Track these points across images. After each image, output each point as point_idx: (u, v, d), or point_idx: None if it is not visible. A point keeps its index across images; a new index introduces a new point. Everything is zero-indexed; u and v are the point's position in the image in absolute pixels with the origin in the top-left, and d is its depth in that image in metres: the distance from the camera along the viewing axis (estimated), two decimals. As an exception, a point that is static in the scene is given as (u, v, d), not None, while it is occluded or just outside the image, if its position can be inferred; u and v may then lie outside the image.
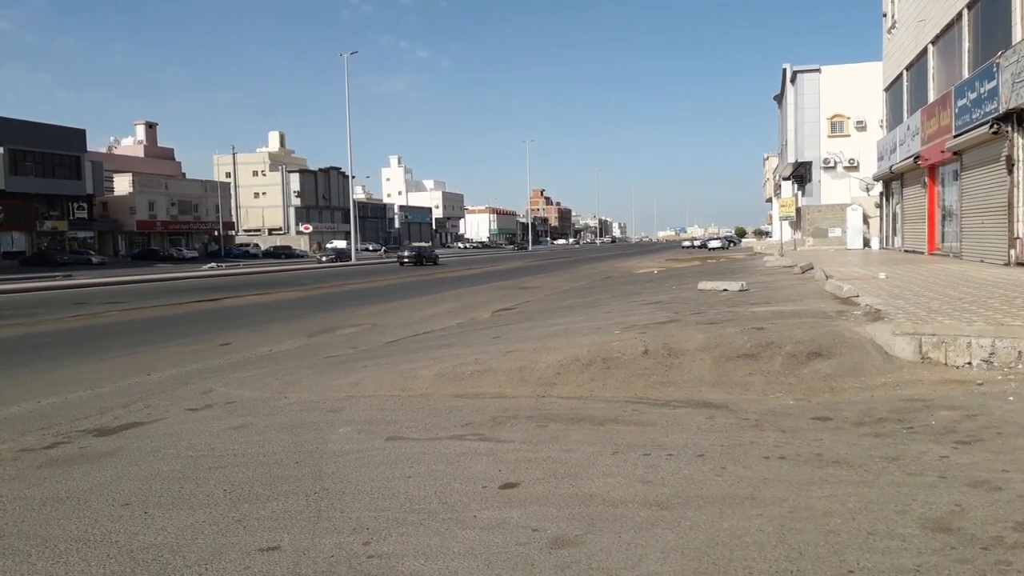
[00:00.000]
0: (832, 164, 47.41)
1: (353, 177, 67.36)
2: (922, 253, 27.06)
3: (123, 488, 4.71)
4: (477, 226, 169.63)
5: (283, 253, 77.31)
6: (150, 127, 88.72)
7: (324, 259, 62.76)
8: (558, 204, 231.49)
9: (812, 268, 20.52)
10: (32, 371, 10.12)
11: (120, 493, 4.61)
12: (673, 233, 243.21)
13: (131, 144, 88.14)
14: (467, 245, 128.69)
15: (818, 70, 48.34)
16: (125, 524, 4.06)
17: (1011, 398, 5.98)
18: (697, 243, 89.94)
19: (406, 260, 52.10)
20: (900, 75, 30.40)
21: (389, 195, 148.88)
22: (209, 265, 51.88)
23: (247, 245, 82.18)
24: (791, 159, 51.97)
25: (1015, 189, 17.58)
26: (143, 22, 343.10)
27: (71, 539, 3.87)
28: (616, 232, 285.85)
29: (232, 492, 4.53)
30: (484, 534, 3.71)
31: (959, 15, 22.07)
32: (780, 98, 59.15)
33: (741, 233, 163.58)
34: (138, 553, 3.66)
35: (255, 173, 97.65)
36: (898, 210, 32.73)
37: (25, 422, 6.94)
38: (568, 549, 3.50)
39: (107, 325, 16.03)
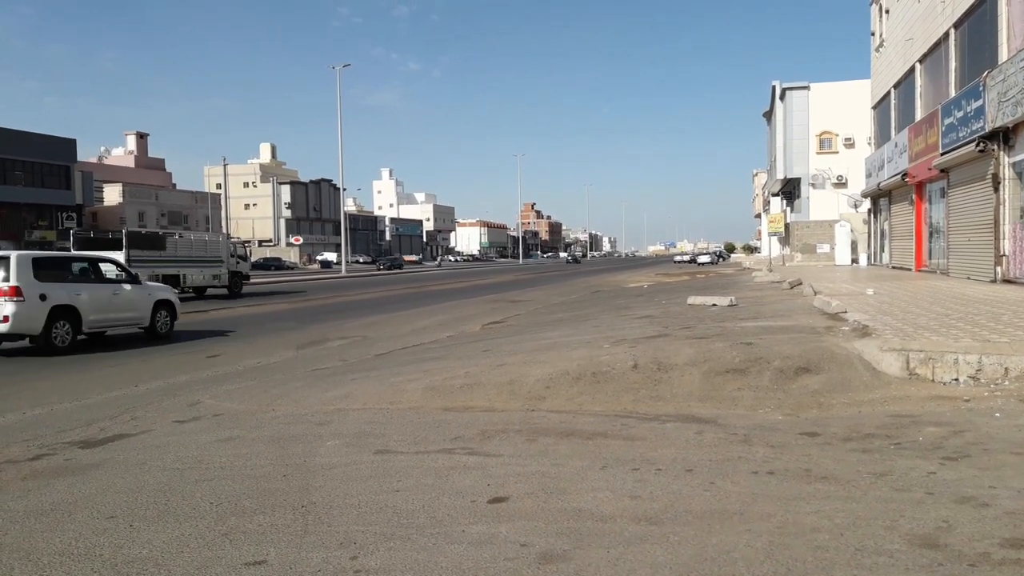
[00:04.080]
0: (821, 181, 47.80)
1: (344, 189, 67.33)
2: (909, 270, 27.25)
3: (108, 501, 4.66)
4: (468, 239, 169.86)
5: (273, 265, 77.12)
6: (141, 137, 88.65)
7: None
8: (548, 218, 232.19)
9: (800, 284, 20.63)
10: (17, 381, 10.04)
11: (105, 506, 4.56)
12: (663, 248, 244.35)
13: (122, 154, 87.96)
14: (457, 258, 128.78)
15: (807, 87, 48.83)
16: (110, 537, 4.02)
17: (998, 414, 6.01)
18: (686, 258, 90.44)
19: (569, 260, 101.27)
20: (888, 93, 30.73)
21: (380, 207, 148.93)
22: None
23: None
24: (780, 175, 52.37)
25: (1001, 207, 17.75)
26: (133, 30, 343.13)
27: (55, 552, 3.83)
28: (606, 246, 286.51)
29: (219, 505, 4.50)
30: (472, 549, 3.70)
31: (946, 35, 22.35)
32: (769, 115, 59.68)
33: (730, 248, 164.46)
34: (123, 567, 3.63)
35: (246, 184, 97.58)
36: (886, 227, 32.98)
37: (9, 433, 6.87)
38: (556, 564, 3.49)
39: (91, 335, 15.90)
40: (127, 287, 14.62)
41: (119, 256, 21.30)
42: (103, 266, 14.97)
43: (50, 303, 12.71)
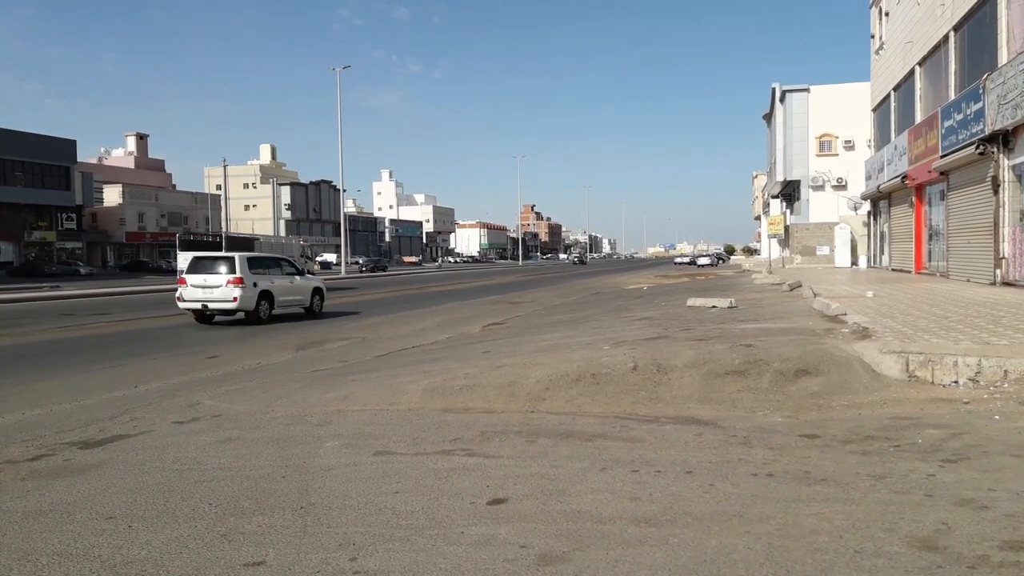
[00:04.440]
0: (820, 183, 47.82)
1: (344, 191, 67.30)
2: (909, 272, 27.27)
3: (107, 501, 4.66)
4: (468, 240, 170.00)
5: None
6: (141, 138, 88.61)
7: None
8: (548, 219, 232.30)
9: (800, 286, 20.63)
10: (17, 382, 10.03)
11: (104, 506, 4.56)
12: (662, 249, 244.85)
13: (122, 155, 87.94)
14: (456, 260, 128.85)
15: (807, 90, 48.82)
16: (109, 538, 4.02)
17: (997, 417, 6.01)
18: (686, 260, 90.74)
19: (575, 262, 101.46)
20: (888, 96, 30.74)
21: (380, 209, 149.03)
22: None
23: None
24: (780, 177, 52.36)
25: (1000, 209, 17.76)
26: (133, 32, 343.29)
27: (53, 553, 3.83)
28: (606, 248, 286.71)
29: (218, 506, 4.49)
30: (471, 550, 3.70)
31: (946, 37, 22.37)
32: (769, 117, 59.68)
33: (730, 250, 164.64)
34: (121, 568, 3.62)
35: (246, 185, 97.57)
36: (885, 229, 33.00)
37: (9, 434, 6.87)
38: (556, 566, 3.49)
39: (94, 337, 15.92)
40: (297, 278, 20.38)
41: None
42: (283, 263, 20.57)
43: (259, 288, 18.35)
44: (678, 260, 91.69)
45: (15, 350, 13.76)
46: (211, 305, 18.04)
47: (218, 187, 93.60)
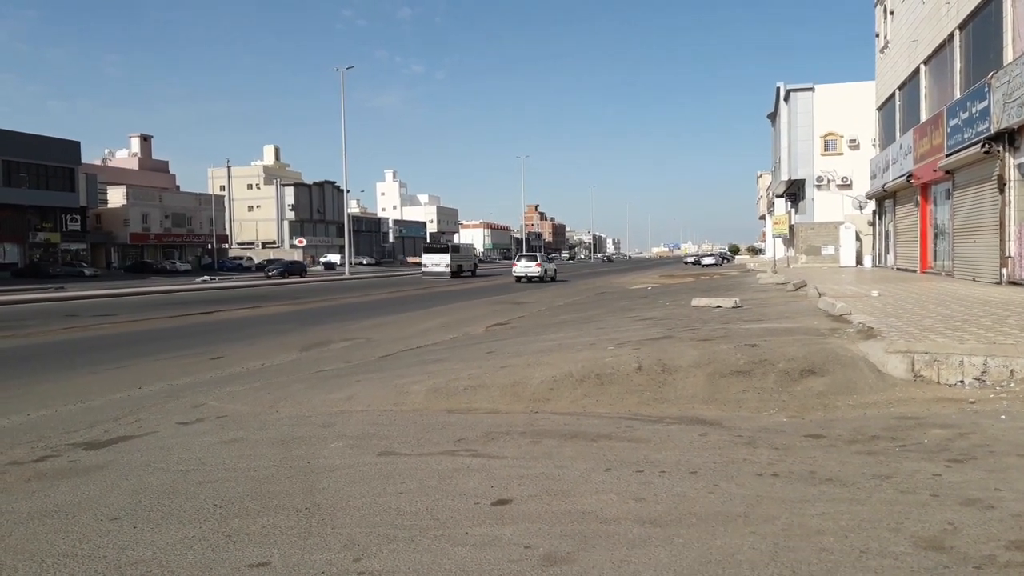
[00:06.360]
0: (825, 182, 47.72)
1: (348, 191, 67.39)
2: (914, 271, 27.19)
3: (112, 502, 4.67)
4: (471, 241, 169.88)
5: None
6: (145, 140, 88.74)
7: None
8: (552, 219, 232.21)
9: (805, 285, 20.59)
10: (22, 383, 10.06)
11: (109, 507, 4.57)
12: (667, 249, 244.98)
13: (126, 156, 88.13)
14: None
15: (812, 89, 48.73)
16: (114, 539, 4.03)
17: (1003, 416, 5.99)
18: (691, 259, 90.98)
19: (604, 260, 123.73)
20: (893, 95, 30.67)
21: (384, 209, 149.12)
22: (202, 278, 51.61)
23: (240, 258, 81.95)
24: (784, 177, 52.29)
25: (1006, 208, 17.71)
26: (136, 33, 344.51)
27: (59, 554, 3.84)
28: (610, 248, 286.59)
29: (222, 507, 4.50)
30: (476, 551, 3.69)
31: (951, 36, 22.31)
32: (774, 116, 59.60)
33: (735, 250, 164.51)
34: (126, 568, 3.63)
35: (249, 186, 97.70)
36: (891, 228, 32.91)
37: (14, 435, 6.88)
38: (560, 566, 3.48)
39: (98, 338, 15.96)
40: (549, 263, 46.74)
41: (447, 256, 52.06)
42: (550, 256, 65.21)
43: (545, 267, 44.42)
44: (687, 259, 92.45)
45: (20, 351, 13.80)
46: (528, 274, 42.13)
47: (222, 188, 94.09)
